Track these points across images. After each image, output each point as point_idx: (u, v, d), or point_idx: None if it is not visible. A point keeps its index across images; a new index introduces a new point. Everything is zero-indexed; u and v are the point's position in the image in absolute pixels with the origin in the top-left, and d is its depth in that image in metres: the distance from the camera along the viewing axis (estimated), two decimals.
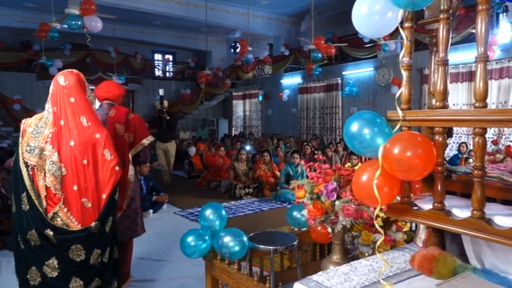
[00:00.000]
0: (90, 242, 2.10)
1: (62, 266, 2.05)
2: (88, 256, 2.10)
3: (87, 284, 2.12)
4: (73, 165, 2.11)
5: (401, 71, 1.62)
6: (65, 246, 2.06)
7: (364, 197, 1.62)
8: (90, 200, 2.13)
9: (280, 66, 13.59)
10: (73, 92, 2.16)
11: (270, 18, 14.02)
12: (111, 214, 2.20)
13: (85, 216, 2.12)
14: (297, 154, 6.40)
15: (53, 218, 2.06)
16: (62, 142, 2.12)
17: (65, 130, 2.13)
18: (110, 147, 2.20)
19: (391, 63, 9.99)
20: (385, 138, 1.56)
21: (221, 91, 16.06)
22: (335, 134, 11.73)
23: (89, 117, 2.18)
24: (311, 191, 2.12)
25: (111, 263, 2.24)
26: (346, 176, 2.12)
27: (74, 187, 2.10)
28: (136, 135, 2.78)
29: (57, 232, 2.04)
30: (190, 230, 2.49)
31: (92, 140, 2.15)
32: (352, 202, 1.98)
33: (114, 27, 13.39)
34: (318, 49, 7.32)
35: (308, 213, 2.04)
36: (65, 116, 2.14)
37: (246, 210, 5.52)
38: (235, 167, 6.67)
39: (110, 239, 2.20)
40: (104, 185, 2.16)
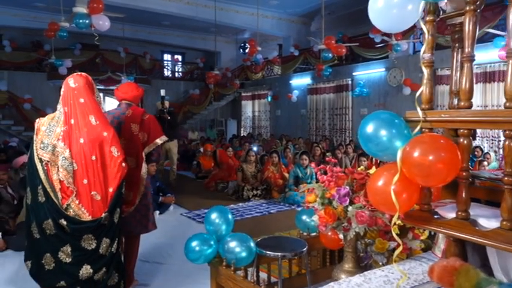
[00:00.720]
0: (100, 232, 2.27)
1: (75, 253, 2.23)
2: (98, 245, 2.28)
3: (95, 271, 2.27)
4: (83, 161, 2.28)
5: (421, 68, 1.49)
6: (78, 235, 2.24)
7: (380, 203, 1.50)
8: (99, 193, 2.30)
9: (290, 66, 13.46)
10: (82, 93, 2.34)
11: (280, 18, 13.90)
12: (118, 206, 2.36)
13: (95, 208, 2.29)
14: (306, 155, 6.27)
15: (67, 209, 2.25)
16: (73, 139, 2.30)
17: (75, 128, 2.31)
18: (117, 145, 2.37)
19: (403, 63, 9.81)
20: (404, 141, 1.44)
21: (230, 91, 15.99)
22: (345, 135, 11.56)
23: (97, 116, 2.35)
24: (322, 196, 2.01)
25: (118, 256, 2.40)
26: (360, 180, 2.01)
27: (84, 181, 2.28)
28: (150, 135, 2.89)
29: (71, 222, 2.22)
30: (195, 234, 2.39)
31: (100, 137, 2.31)
32: (366, 208, 1.87)
33: (123, 28, 13.41)
34: (329, 49, 7.19)
35: (319, 219, 1.93)
36: (75, 115, 2.32)
37: (254, 212, 5.42)
38: (244, 168, 6.58)
39: (118, 230, 2.38)
40: (111, 180, 2.32)
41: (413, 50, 9.90)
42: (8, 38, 13.64)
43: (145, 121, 2.89)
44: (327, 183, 2.08)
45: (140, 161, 2.81)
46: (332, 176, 2.12)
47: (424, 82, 1.50)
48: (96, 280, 2.29)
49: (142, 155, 2.80)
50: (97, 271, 2.27)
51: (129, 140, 2.78)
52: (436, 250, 1.88)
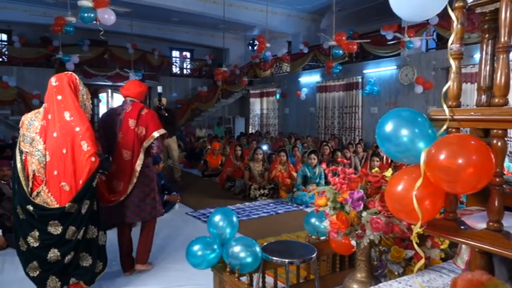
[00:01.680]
0: (66, 219, 2.41)
1: (42, 237, 2.40)
2: (64, 231, 2.42)
3: (63, 255, 2.43)
4: (55, 154, 2.43)
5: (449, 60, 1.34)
6: (45, 220, 2.39)
7: (400, 211, 1.36)
8: (69, 184, 2.43)
9: (299, 64, 13.27)
10: (61, 91, 2.49)
11: (289, 15, 13.72)
12: (87, 198, 2.47)
13: (63, 197, 2.42)
14: (314, 154, 6.11)
15: (37, 196, 2.42)
16: (48, 133, 2.44)
17: (51, 123, 2.45)
18: (88, 140, 2.46)
19: (415, 61, 9.57)
20: (428, 142, 1.29)
21: (238, 89, 15.85)
22: (354, 134, 11.35)
23: (72, 112, 2.47)
24: (334, 200, 1.86)
25: (87, 242, 2.54)
26: (375, 183, 1.86)
27: (54, 172, 2.42)
28: (148, 129, 3.03)
29: (37, 208, 2.38)
30: (197, 238, 2.26)
31: (72, 132, 2.44)
32: (381, 214, 1.72)
33: (131, 24, 13.34)
34: (339, 45, 7.00)
35: (330, 225, 1.78)
36: (52, 111, 2.46)
37: (261, 212, 5.28)
38: (251, 167, 6.44)
39: (85, 220, 2.49)
40: (80, 172, 2.45)
41: (426, 48, 9.66)
42: (18, 34, 13.66)
43: (143, 116, 3.04)
44: (339, 185, 1.93)
45: (135, 154, 3.00)
46: (344, 178, 1.97)
47: (452, 76, 1.34)
48: (67, 263, 2.47)
49: (137, 148, 3.00)
50: (65, 254, 2.45)
51: (125, 133, 3.00)
52: (458, 261, 1.73)
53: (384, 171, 5.01)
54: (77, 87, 2.58)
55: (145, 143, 3.03)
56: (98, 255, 2.64)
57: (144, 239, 3.26)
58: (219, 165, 8.25)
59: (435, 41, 9.59)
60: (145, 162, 3.06)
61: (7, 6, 12.76)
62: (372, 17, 14.02)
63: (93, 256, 2.59)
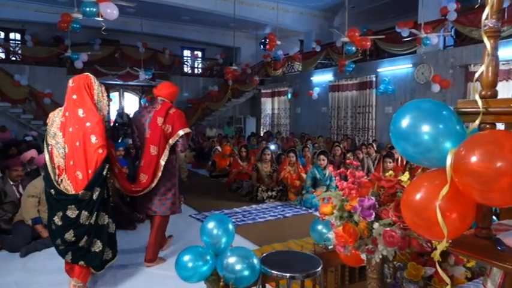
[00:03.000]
0: (80, 204, 2.70)
1: (63, 219, 2.71)
2: (78, 215, 2.70)
3: (77, 237, 2.71)
4: (71, 146, 2.72)
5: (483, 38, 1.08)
6: (64, 204, 2.70)
7: (419, 225, 1.11)
8: (82, 173, 2.71)
9: (311, 62, 12.98)
10: (76, 91, 2.77)
11: (301, 12, 13.44)
12: (98, 185, 2.73)
13: (78, 185, 2.71)
14: (324, 155, 5.81)
15: (60, 182, 2.73)
16: (66, 128, 2.75)
17: (68, 119, 2.75)
18: (97, 133, 2.72)
19: (432, 59, 9.19)
20: (455, 140, 1.04)
21: (249, 88, 15.64)
22: (367, 134, 11.01)
23: (85, 110, 2.74)
24: (341, 207, 1.61)
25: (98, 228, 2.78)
26: (389, 188, 1.60)
27: (71, 162, 2.72)
28: (174, 127, 3.24)
29: (58, 193, 2.71)
30: (188, 247, 2.03)
31: (83, 127, 2.71)
32: (396, 226, 1.46)
33: (142, 23, 13.28)
34: (352, 42, 6.71)
35: (336, 238, 1.53)
36: (69, 109, 2.77)
37: (268, 215, 5.04)
38: (259, 167, 6.21)
39: (96, 206, 2.74)
40: (90, 162, 2.71)
41: (443, 45, 9.27)
42: (31, 33, 13.73)
43: (171, 114, 3.26)
44: (347, 191, 1.69)
45: (161, 150, 3.23)
46: (354, 183, 1.72)
47: (487, 59, 1.08)
48: (81, 246, 2.74)
49: (163, 145, 3.22)
50: (79, 237, 2.71)
51: (153, 130, 3.24)
52: (488, 283, 1.46)
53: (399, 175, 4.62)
54: (92, 87, 2.83)
55: (171, 140, 3.24)
56: (108, 243, 2.87)
57: (153, 236, 3.37)
58: (227, 166, 8.04)
59: (453, 37, 9.19)
60: (169, 158, 3.27)
61: (20, 5, 12.85)
62: (387, 14, 13.64)
63: (103, 242, 2.82)
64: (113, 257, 2.92)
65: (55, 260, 3.41)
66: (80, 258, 2.75)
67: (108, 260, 2.88)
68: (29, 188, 3.79)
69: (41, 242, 3.63)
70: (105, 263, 2.86)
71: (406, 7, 12.26)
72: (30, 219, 3.69)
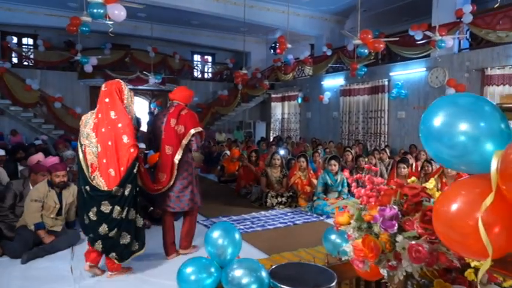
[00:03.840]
0: (113, 200, 2.92)
1: (97, 214, 2.92)
2: (111, 210, 2.92)
3: (110, 230, 2.93)
4: (103, 145, 2.93)
5: None
6: (98, 200, 2.91)
7: (456, 241, 0.94)
8: (114, 171, 2.92)
9: (322, 66, 12.82)
10: (108, 94, 3.01)
11: (312, 16, 13.30)
12: (129, 182, 2.96)
13: (110, 181, 2.92)
14: (335, 160, 5.61)
15: (93, 179, 2.94)
16: (99, 129, 2.96)
17: (101, 121, 2.98)
18: (128, 134, 2.96)
19: (447, 62, 8.96)
20: (500, 141, 0.88)
21: (259, 93, 15.53)
22: (379, 140, 10.78)
23: (116, 112, 2.98)
24: (359, 217, 1.45)
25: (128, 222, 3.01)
26: (412, 197, 1.44)
27: (103, 160, 2.93)
28: (187, 127, 3.41)
29: (91, 189, 2.93)
30: (191, 258, 1.88)
31: (115, 128, 2.95)
32: (423, 239, 1.29)
33: (152, 27, 13.29)
34: (365, 44, 6.53)
35: (354, 252, 1.37)
36: (102, 111, 3.00)
37: (277, 222, 4.86)
38: (268, 172, 6.04)
39: (128, 201, 2.98)
40: (122, 161, 2.92)
41: (458, 48, 9.03)
42: (43, 38, 13.85)
43: (182, 116, 3.43)
44: (365, 199, 1.53)
45: (175, 149, 3.40)
46: (372, 190, 1.56)
47: None
48: (111, 237, 2.95)
49: (177, 145, 3.39)
50: (111, 230, 2.93)
51: (168, 132, 3.43)
52: None
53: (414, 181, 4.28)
54: (122, 92, 3.07)
55: (184, 140, 3.40)
56: (135, 236, 3.09)
57: (185, 227, 3.64)
58: (236, 171, 7.89)
59: (468, 40, 8.95)
60: (184, 157, 3.43)
61: (32, 10, 12.96)
62: (399, 18, 13.43)
63: (131, 236, 3.05)
64: (140, 248, 3.14)
65: (56, 267, 3.31)
66: (111, 249, 3.00)
67: (135, 251, 3.11)
68: (32, 192, 3.69)
69: (43, 248, 3.52)
70: (132, 254, 3.10)
71: (418, 10, 12.04)
72: (33, 224, 3.58)
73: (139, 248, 3.13)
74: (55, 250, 3.59)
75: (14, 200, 3.85)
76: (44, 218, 3.69)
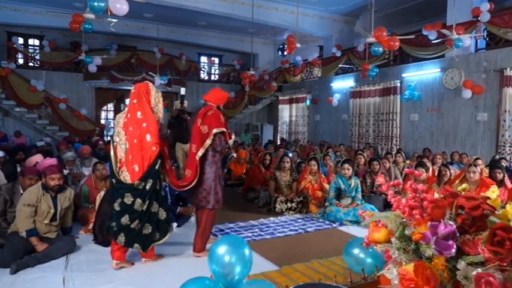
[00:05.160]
0: (135, 193, 3.13)
1: (121, 205, 3.15)
2: (133, 202, 3.13)
3: (131, 221, 3.15)
4: (130, 143, 3.17)
5: None
6: (122, 192, 3.14)
7: None
8: (138, 166, 3.15)
9: (331, 68, 12.51)
10: (136, 96, 3.25)
11: (321, 17, 13.02)
12: (151, 177, 3.16)
13: (134, 176, 3.15)
14: (349, 164, 5.27)
15: (121, 173, 3.18)
16: (127, 128, 3.20)
17: (129, 120, 3.21)
18: (151, 133, 3.17)
19: (463, 63, 8.61)
20: None
21: (267, 95, 15.26)
22: (391, 143, 10.42)
23: (142, 112, 3.20)
24: (402, 235, 1.15)
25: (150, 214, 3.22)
26: (471, 209, 1.13)
27: (130, 156, 3.17)
28: (210, 127, 3.49)
29: (117, 182, 3.18)
30: (192, 279, 1.59)
31: (140, 127, 3.17)
32: (492, 266, 0.99)
33: (158, 28, 13.10)
34: (379, 42, 6.22)
35: (401, 282, 1.07)
36: (130, 111, 3.24)
37: (287, 230, 4.55)
38: (277, 176, 5.74)
39: (149, 195, 3.18)
40: (146, 157, 3.15)
41: (474, 48, 8.67)
42: (49, 39, 13.73)
43: (208, 116, 3.55)
44: (407, 211, 1.23)
45: (198, 148, 3.53)
46: (415, 199, 1.26)
47: None
48: (132, 228, 3.17)
49: (201, 144, 3.50)
50: (132, 221, 3.14)
51: (194, 131, 3.64)
52: None
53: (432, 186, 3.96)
54: (149, 94, 3.27)
55: (208, 140, 3.48)
56: (157, 226, 3.29)
57: (200, 228, 3.65)
58: (243, 174, 7.61)
59: (486, 40, 8.59)
60: (208, 156, 3.55)
61: (38, 11, 12.84)
62: (411, 18, 13.09)
63: (152, 226, 3.25)
64: (161, 237, 3.32)
65: (48, 278, 3.04)
66: (133, 241, 3.19)
67: (156, 240, 3.31)
68: (24, 196, 3.43)
69: (35, 257, 3.23)
70: (153, 242, 3.30)
71: (431, 10, 11.71)
72: (25, 230, 3.31)
73: (160, 237, 3.31)
74: (48, 259, 3.31)
75: (4, 205, 3.59)
76: (37, 224, 3.42)
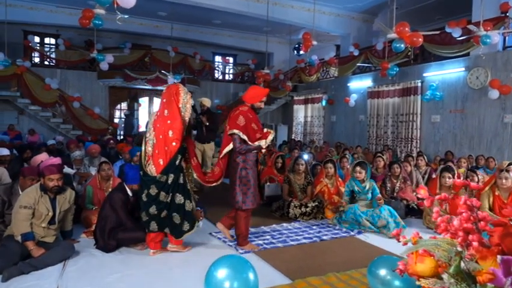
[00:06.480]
0: (158, 185, 3.40)
1: (147, 196, 3.43)
2: (158, 194, 3.41)
3: (159, 211, 3.45)
4: (157, 138, 3.42)
5: None
6: (148, 184, 3.42)
7: None
8: (163, 160, 3.40)
9: (348, 67, 12.13)
10: (166, 96, 3.52)
11: (339, 14, 12.65)
12: (171, 172, 3.40)
13: (158, 169, 3.40)
14: (361, 168, 4.86)
15: (147, 166, 3.44)
16: (156, 125, 3.47)
17: (158, 117, 3.48)
18: (174, 129, 3.40)
19: (489, 61, 8.14)
20: None
21: (282, 95, 14.94)
22: (411, 145, 9.98)
23: (169, 111, 3.45)
24: (458, 270, 0.85)
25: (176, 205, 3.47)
26: None
27: (156, 151, 3.42)
28: (230, 127, 3.64)
29: (144, 174, 3.46)
30: None
31: (165, 124, 3.42)
32: None
33: (172, 27, 12.95)
34: (401, 38, 5.85)
35: None
36: (160, 109, 3.52)
37: (301, 237, 4.23)
38: (291, 179, 5.44)
39: (171, 188, 3.42)
40: (169, 153, 3.39)
41: (502, 45, 8.19)
42: (65, 38, 13.76)
43: (231, 116, 3.70)
44: (462, 236, 0.92)
45: (224, 147, 3.70)
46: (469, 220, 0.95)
47: None
48: (163, 217, 3.47)
49: (225, 142, 3.69)
50: (160, 211, 3.43)
51: (225, 130, 3.75)
52: None
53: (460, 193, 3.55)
54: (178, 94, 3.50)
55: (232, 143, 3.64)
56: (184, 217, 3.51)
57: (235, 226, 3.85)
58: None
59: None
60: (233, 156, 3.67)
61: (54, 10, 12.87)
62: (432, 16, 12.60)
63: (181, 216, 3.50)
64: (190, 228, 3.54)
65: (41, 286, 2.81)
66: (164, 226, 3.49)
67: (186, 231, 3.54)
68: (21, 198, 3.23)
69: (30, 263, 3.01)
70: (184, 233, 3.53)
71: (454, 7, 11.21)
72: (20, 234, 3.10)
73: (190, 228, 3.53)
74: (44, 265, 3.09)
75: (2, 207, 3.40)
76: (34, 228, 3.22)
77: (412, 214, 5.26)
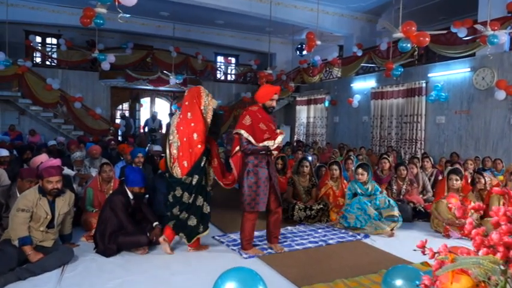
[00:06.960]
0: (183, 186, 3.50)
1: (173, 197, 3.56)
2: (182, 195, 3.51)
3: (180, 212, 3.54)
4: (181, 141, 3.51)
5: None
6: (173, 186, 3.54)
7: None
8: (187, 162, 3.49)
9: (352, 68, 12.03)
10: (189, 98, 3.59)
11: (342, 14, 12.55)
12: (196, 173, 3.48)
13: (183, 171, 3.49)
14: (363, 169, 4.79)
15: (173, 168, 3.54)
16: (179, 127, 3.53)
17: (181, 120, 3.55)
18: (198, 132, 3.47)
19: (496, 61, 8.03)
20: None
21: (284, 95, 14.83)
22: (415, 147, 9.87)
23: (192, 113, 3.53)
24: None
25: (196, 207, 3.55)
26: None
27: (180, 153, 3.51)
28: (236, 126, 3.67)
29: (169, 176, 3.58)
30: None
31: (189, 126, 3.50)
32: None
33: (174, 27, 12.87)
34: (407, 38, 5.74)
35: None
36: (183, 112, 3.59)
37: (307, 241, 4.12)
38: (295, 181, 5.33)
39: (195, 189, 3.51)
40: (193, 155, 3.47)
41: (509, 46, 8.07)
42: (66, 38, 13.68)
43: (240, 115, 3.87)
44: (502, 251, 0.82)
45: (235, 145, 3.72)
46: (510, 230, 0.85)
47: None
48: (181, 218, 3.53)
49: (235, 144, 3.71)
50: (181, 212, 3.52)
51: None
52: None
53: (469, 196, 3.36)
54: (200, 97, 3.56)
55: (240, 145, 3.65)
56: (201, 220, 3.57)
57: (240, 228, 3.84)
58: None
59: None
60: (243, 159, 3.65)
61: (56, 9, 12.80)
62: (436, 16, 12.49)
63: (197, 218, 3.55)
64: (203, 230, 3.61)
65: None
66: (180, 229, 3.56)
67: (200, 233, 3.60)
68: (19, 200, 3.13)
69: (27, 269, 2.91)
70: (197, 235, 3.59)
71: (458, 8, 11.10)
72: (18, 238, 3.01)
73: (203, 230, 3.60)
74: (42, 271, 2.99)
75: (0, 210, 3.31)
76: (32, 231, 3.12)
77: (419, 217, 5.15)
